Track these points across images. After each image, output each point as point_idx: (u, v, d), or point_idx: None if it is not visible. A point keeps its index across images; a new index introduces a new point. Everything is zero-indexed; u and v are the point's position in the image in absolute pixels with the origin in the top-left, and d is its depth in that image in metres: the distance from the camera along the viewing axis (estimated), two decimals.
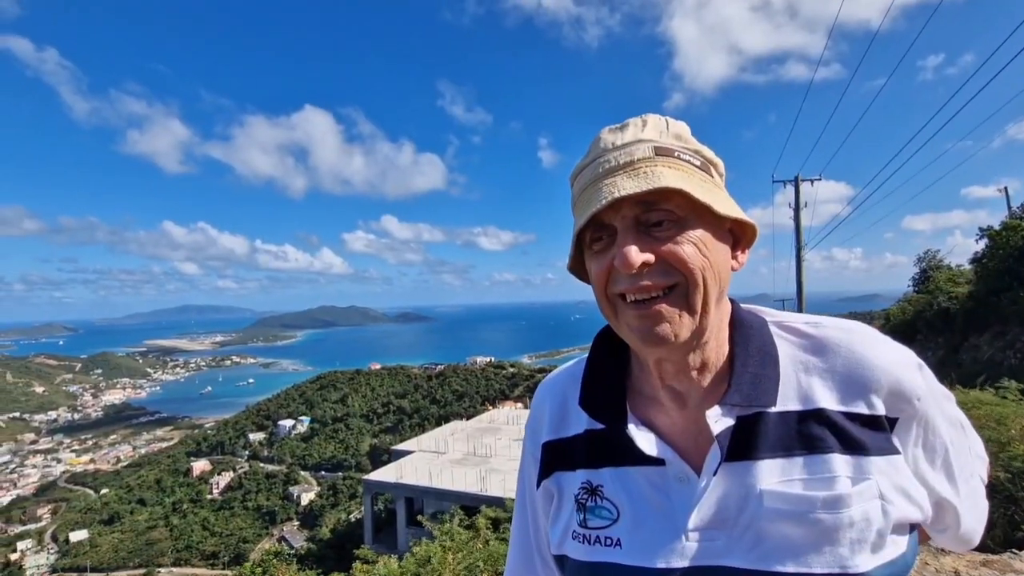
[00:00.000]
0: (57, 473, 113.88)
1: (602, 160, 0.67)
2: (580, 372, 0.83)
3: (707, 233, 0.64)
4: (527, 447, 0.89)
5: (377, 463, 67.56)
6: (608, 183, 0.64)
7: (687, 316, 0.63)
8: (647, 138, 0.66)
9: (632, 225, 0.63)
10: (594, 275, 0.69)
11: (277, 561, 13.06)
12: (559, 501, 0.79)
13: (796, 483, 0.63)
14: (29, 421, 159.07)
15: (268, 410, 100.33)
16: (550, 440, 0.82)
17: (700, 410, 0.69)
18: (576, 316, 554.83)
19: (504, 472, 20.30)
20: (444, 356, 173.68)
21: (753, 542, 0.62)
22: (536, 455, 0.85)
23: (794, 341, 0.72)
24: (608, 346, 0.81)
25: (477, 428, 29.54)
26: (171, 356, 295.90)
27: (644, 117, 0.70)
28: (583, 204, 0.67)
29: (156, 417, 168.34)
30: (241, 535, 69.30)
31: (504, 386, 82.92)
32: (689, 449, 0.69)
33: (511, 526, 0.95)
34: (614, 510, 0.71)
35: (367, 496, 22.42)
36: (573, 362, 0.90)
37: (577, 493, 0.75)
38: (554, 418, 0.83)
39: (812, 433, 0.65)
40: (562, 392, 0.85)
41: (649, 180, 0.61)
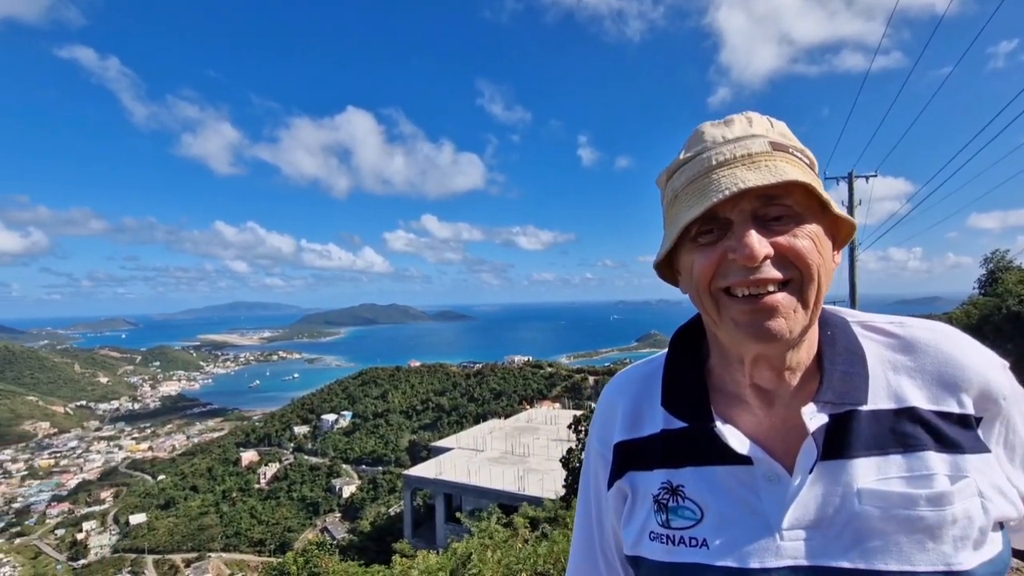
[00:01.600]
0: (119, 459, 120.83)
1: (713, 153, 0.66)
2: (653, 371, 0.83)
3: (820, 229, 0.64)
4: (594, 447, 0.88)
5: (416, 459, 68.63)
6: (726, 174, 0.63)
7: (801, 312, 0.63)
8: (758, 133, 0.66)
9: (750, 218, 0.63)
10: (698, 268, 0.67)
11: (320, 551, 13.45)
12: (633, 501, 0.78)
13: (895, 481, 0.62)
14: (94, 409, 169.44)
15: (312, 404, 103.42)
16: (623, 440, 0.82)
17: (789, 408, 0.68)
18: (615, 316, 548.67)
19: (542, 472, 20.22)
20: (482, 355, 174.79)
21: (853, 541, 0.61)
22: (606, 455, 0.84)
23: (880, 340, 0.71)
24: (687, 344, 0.81)
25: (515, 427, 29.55)
26: (222, 350, 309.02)
27: (747, 114, 0.70)
28: (692, 196, 0.66)
29: (208, 408, 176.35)
30: (286, 524, 71.73)
31: (542, 386, 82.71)
32: (778, 448, 0.68)
33: (573, 526, 0.94)
34: (697, 510, 0.70)
35: (407, 491, 22.78)
36: (642, 362, 0.89)
37: (656, 493, 0.74)
38: (627, 418, 0.83)
39: (906, 431, 0.64)
40: (634, 392, 0.84)
41: (773, 174, 0.60)
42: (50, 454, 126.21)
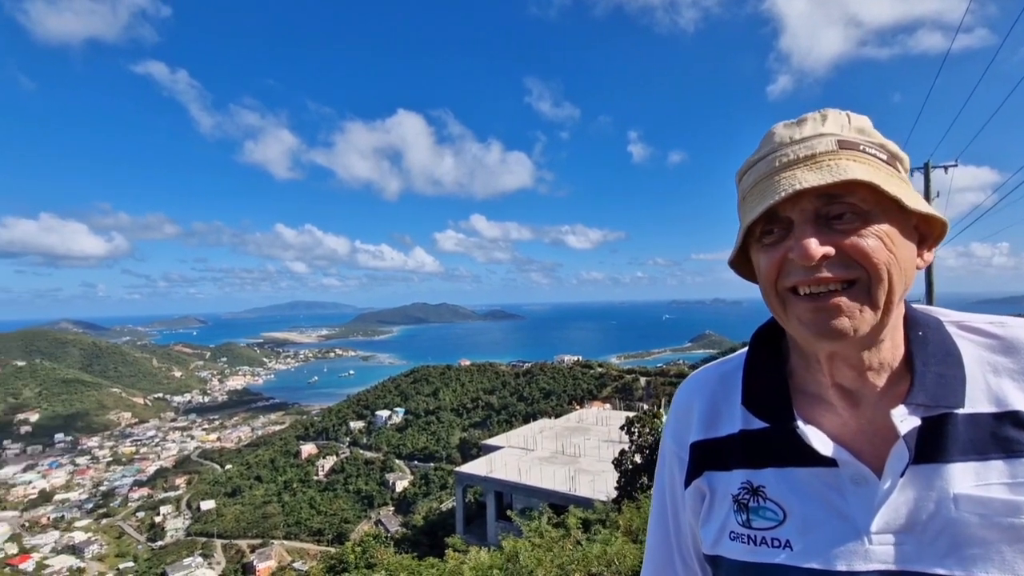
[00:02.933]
0: (191, 448, 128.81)
1: (778, 154, 0.67)
2: (731, 371, 0.83)
3: (893, 228, 0.62)
4: (669, 447, 0.88)
5: (467, 456, 69.52)
6: (786, 176, 0.63)
7: (868, 311, 0.62)
8: (828, 132, 0.66)
9: (811, 217, 0.63)
10: (764, 268, 0.68)
11: (376, 543, 13.85)
12: (712, 501, 0.79)
13: (996, 487, 0.60)
14: (169, 401, 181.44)
15: (367, 400, 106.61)
16: (700, 440, 0.82)
17: (877, 410, 0.67)
18: (667, 316, 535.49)
19: (593, 473, 19.99)
20: (532, 354, 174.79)
21: (949, 548, 0.60)
22: (682, 455, 0.84)
23: (978, 341, 0.69)
24: (768, 344, 0.80)
25: (565, 427, 29.36)
26: (283, 347, 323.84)
27: (823, 111, 0.69)
28: (756, 197, 0.67)
29: (271, 402, 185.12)
30: (343, 516, 74.28)
31: (592, 386, 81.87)
32: (864, 450, 0.67)
33: (648, 527, 0.95)
34: (780, 511, 0.70)
35: (459, 487, 23.08)
36: (718, 361, 0.89)
37: (736, 493, 0.75)
38: (704, 418, 0.83)
39: (1008, 436, 0.62)
40: (711, 391, 0.84)
41: (833, 173, 0.60)
42: (131, 442, 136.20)
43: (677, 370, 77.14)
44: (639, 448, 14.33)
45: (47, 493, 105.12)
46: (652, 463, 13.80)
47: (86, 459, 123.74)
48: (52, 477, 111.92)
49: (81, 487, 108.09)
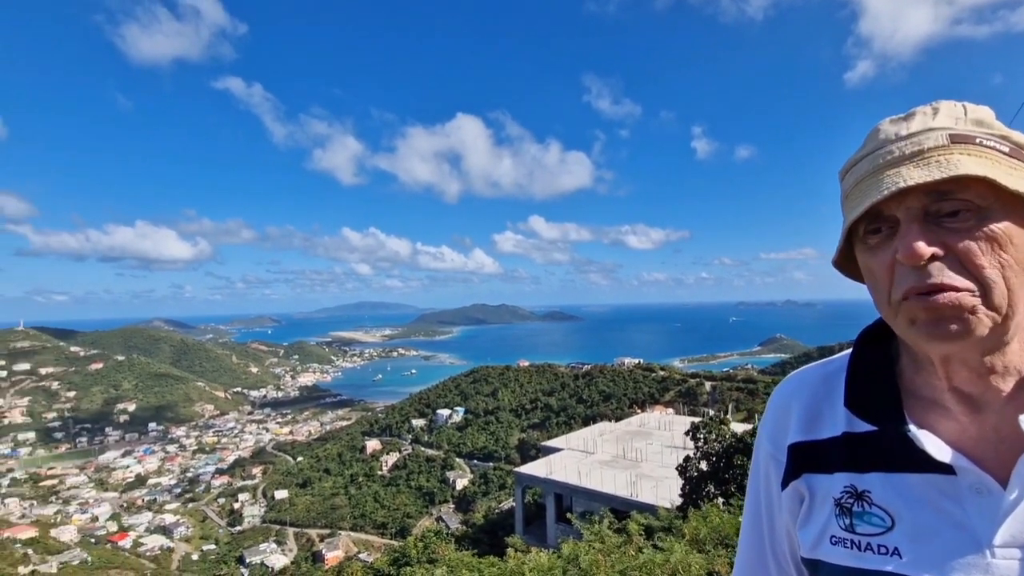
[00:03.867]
0: (266, 440, 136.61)
1: (883, 151, 0.63)
2: (834, 372, 0.81)
3: (1014, 225, 0.58)
4: (765, 448, 0.86)
5: (526, 457, 69.60)
6: (891, 173, 0.60)
7: (984, 312, 0.58)
8: (940, 126, 0.62)
9: (919, 216, 0.60)
10: (872, 269, 0.65)
11: (437, 539, 14.10)
12: (811, 504, 0.77)
13: None
14: (247, 395, 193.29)
15: (428, 399, 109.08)
16: (799, 442, 0.80)
17: (1002, 416, 0.63)
18: (734, 319, 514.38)
19: (656, 479, 19.44)
20: (591, 356, 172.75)
21: None
22: (779, 457, 0.83)
23: None
24: (875, 345, 0.77)
25: (626, 431, 28.75)
26: (350, 346, 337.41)
27: (935, 104, 0.65)
28: (858, 196, 0.64)
29: (338, 399, 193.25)
30: (405, 511, 76.36)
31: (653, 390, 79.85)
32: (987, 458, 0.63)
33: (741, 528, 0.94)
34: (887, 517, 0.67)
35: (518, 488, 23.11)
36: (819, 363, 0.86)
37: (839, 497, 0.72)
38: (803, 419, 0.80)
39: None
40: (812, 392, 0.82)
41: (942, 169, 0.57)
42: (214, 433, 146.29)
43: (745, 375, 73.82)
44: (705, 455, 13.78)
45: (142, 477, 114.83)
46: (719, 471, 13.23)
47: (175, 447, 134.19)
48: (146, 463, 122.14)
49: (171, 473, 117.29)
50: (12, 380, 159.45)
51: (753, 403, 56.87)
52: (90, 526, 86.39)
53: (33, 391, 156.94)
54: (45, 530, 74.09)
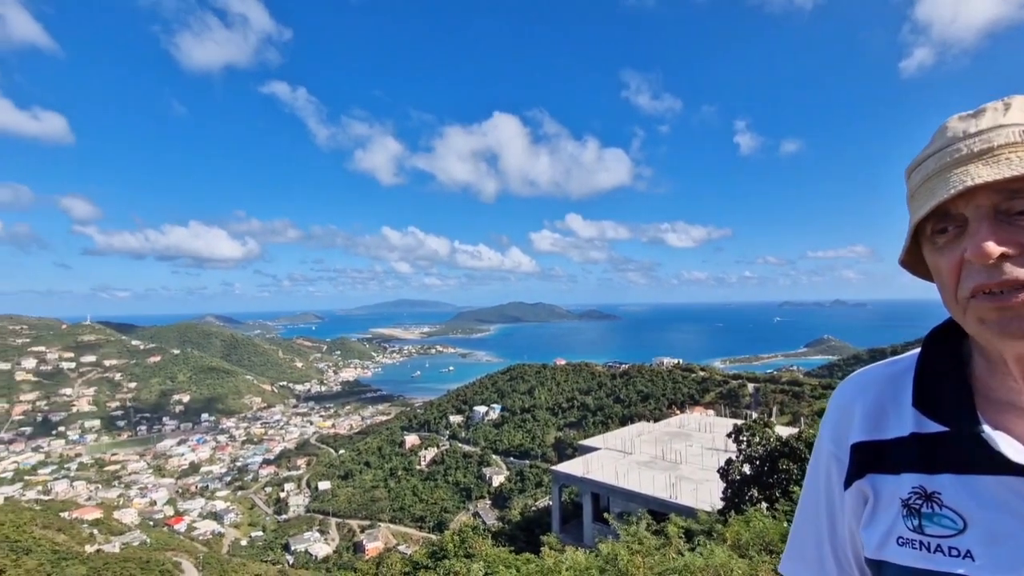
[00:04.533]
0: (310, 433, 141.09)
1: (950, 149, 0.62)
2: (900, 372, 0.80)
3: None
4: (826, 447, 0.86)
5: (562, 456, 69.41)
6: (958, 172, 0.59)
7: None
8: (1011, 122, 0.61)
9: (988, 214, 0.59)
10: (940, 268, 0.64)
11: (474, 534, 14.26)
12: (875, 504, 0.76)
13: None
14: (292, 389, 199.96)
15: (465, 396, 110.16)
16: (863, 441, 0.79)
17: None
18: (778, 319, 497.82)
19: (696, 482, 19.05)
20: (628, 355, 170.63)
21: None
22: (841, 456, 0.82)
23: None
24: (945, 345, 0.76)
25: (666, 432, 28.27)
26: (389, 343, 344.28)
27: (1007, 99, 0.63)
28: (924, 194, 0.63)
29: (378, 394, 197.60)
30: (443, 505, 77.44)
31: (693, 391, 78.21)
32: None
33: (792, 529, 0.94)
34: (959, 520, 0.65)
35: (555, 486, 23.08)
36: (884, 362, 0.85)
37: (906, 498, 0.71)
38: (867, 418, 0.80)
39: None
40: (877, 392, 0.81)
41: (1012, 166, 0.56)
42: (261, 424, 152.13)
43: (790, 377, 71.35)
44: (748, 459, 13.41)
45: (195, 465, 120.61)
46: (763, 475, 12.86)
47: (225, 437, 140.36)
48: (199, 452, 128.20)
49: (221, 461, 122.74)
50: (80, 371, 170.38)
51: (799, 406, 54.91)
52: (149, 509, 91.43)
53: (98, 381, 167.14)
54: (109, 512, 78.81)
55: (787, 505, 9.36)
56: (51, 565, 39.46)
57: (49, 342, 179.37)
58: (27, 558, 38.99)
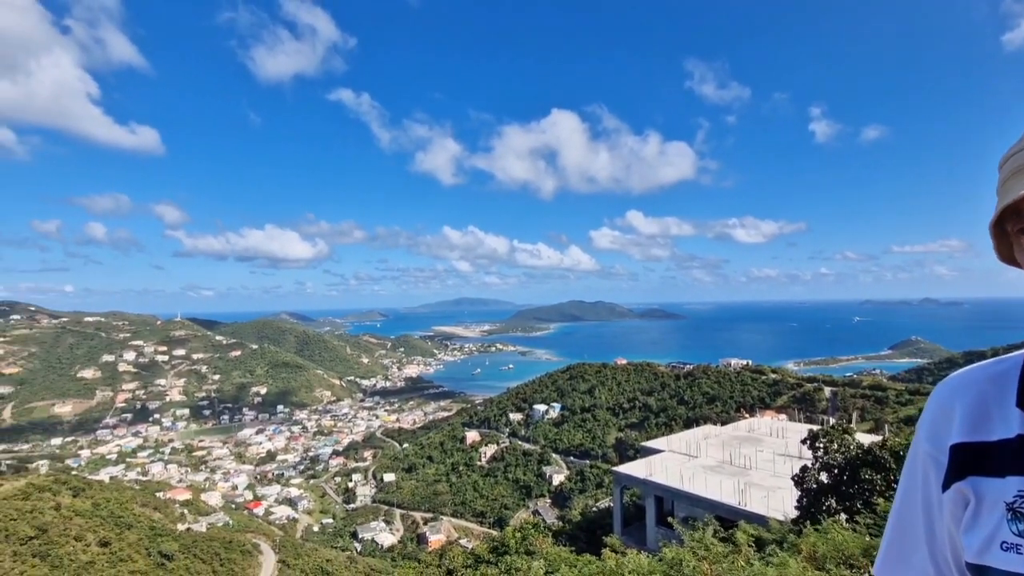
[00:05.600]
0: (376, 426, 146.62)
1: None
2: (1004, 372, 0.78)
3: None
4: (923, 448, 0.85)
5: (623, 456, 68.34)
6: None
7: None
8: None
9: None
10: None
11: (535, 532, 14.29)
12: (977, 507, 0.74)
13: None
14: (359, 384, 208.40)
15: (525, 394, 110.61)
16: (964, 442, 0.78)
17: None
18: (858, 318, 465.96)
19: (767, 489, 18.17)
20: (693, 356, 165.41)
21: None
22: (939, 458, 0.81)
23: None
24: None
25: (734, 436, 27.17)
26: (451, 341, 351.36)
27: None
28: (1004, 192, 0.63)
29: (440, 390, 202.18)
30: (503, 501, 78.19)
31: (764, 393, 74.69)
32: None
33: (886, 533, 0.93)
34: None
35: (616, 487, 22.72)
36: (987, 362, 0.83)
37: (1012, 501, 0.69)
38: (968, 419, 0.78)
39: None
40: (979, 392, 0.79)
41: None
42: (331, 417, 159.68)
43: (872, 381, 66.59)
44: (825, 466, 12.64)
45: (272, 453, 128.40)
46: (841, 484, 12.08)
47: (298, 428, 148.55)
48: (275, 441, 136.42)
49: (295, 451, 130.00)
50: (172, 364, 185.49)
51: (882, 412, 51.15)
52: (231, 493, 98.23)
53: (187, 373, 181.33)
54: (197, 494, 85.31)
55: (869, 518, 8.74)
56: (149, 540, 43.24)
57: (146, 337, 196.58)
58: (129, 532, 42.93)
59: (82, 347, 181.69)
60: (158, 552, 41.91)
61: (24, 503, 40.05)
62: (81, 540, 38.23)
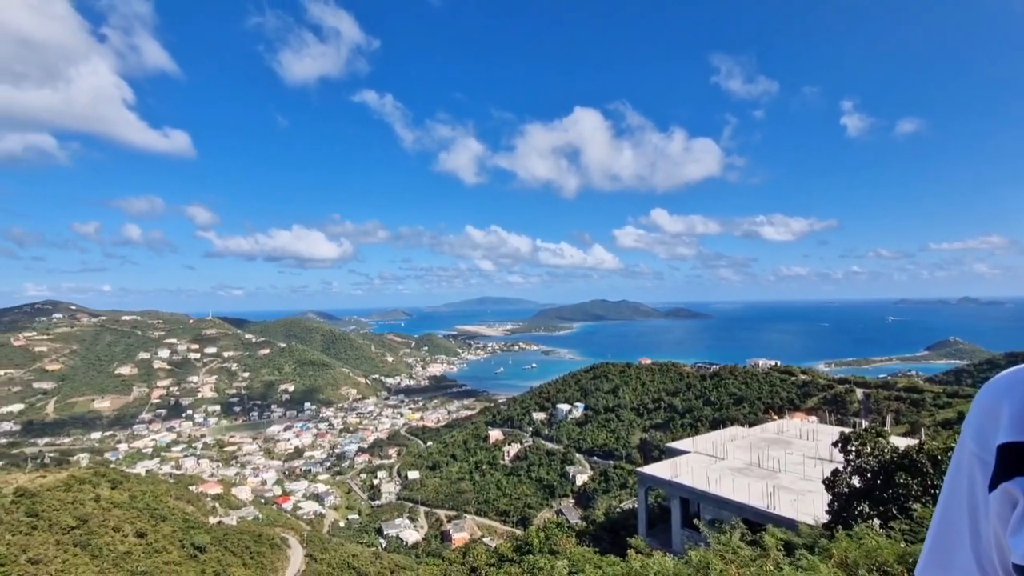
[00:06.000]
0: (400, 424, 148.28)
1: None
2: None
3: None
4: (968, 447, 0.85)
5: (648, 457, 67.64)
6: None
7: None
8: None
9: None
10: None
11: (559, 531, 14.25)
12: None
13: None
14: (383, 382, 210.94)
15: (548, 393, 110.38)
16: (1012, 442, 0.77)
17: None
18: (892, 318, 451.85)
19: (796, 492, 17.78)
20: (720, 356, 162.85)
21: None
22: (986, 458, 0.81)
23: None
24: None
25: (762, 438, 26.65)
26: (474, 340, 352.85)
27: None
28: None
29: (463, 389, 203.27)
30: (526, 501, 78.22)
31: (794, 395, 73.06)
32: None
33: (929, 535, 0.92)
34: None
35: (641, 488, 22.50)
36: None
37: None
38: (1016, 419, 0.78)
39: None
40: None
41: None
42: (356, 415, 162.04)
43: (908, 383, 64.45)
44: (858, 470, 12.29)
45: (299, 449, 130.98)
46: (875, 489, 11.73)
47: (324, 425, 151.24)
48: (302, 437, 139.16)
49: (321, 448, 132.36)
50: (204, 361, 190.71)
51: (918, 415, 49.48)
52: (260, 488, 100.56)
53: (218, 371, 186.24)
54: (228, 488, 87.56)
55: (905, 524, 8.46)
56: (182, 532, 44.56)
57: (179, 335, 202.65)
58: (164, 524, 44.31)
59: (120, 345, 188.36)
60: (191, 544, 43.16)
61: (66, 494, 41.70)
62: (119, 531, 39.63)
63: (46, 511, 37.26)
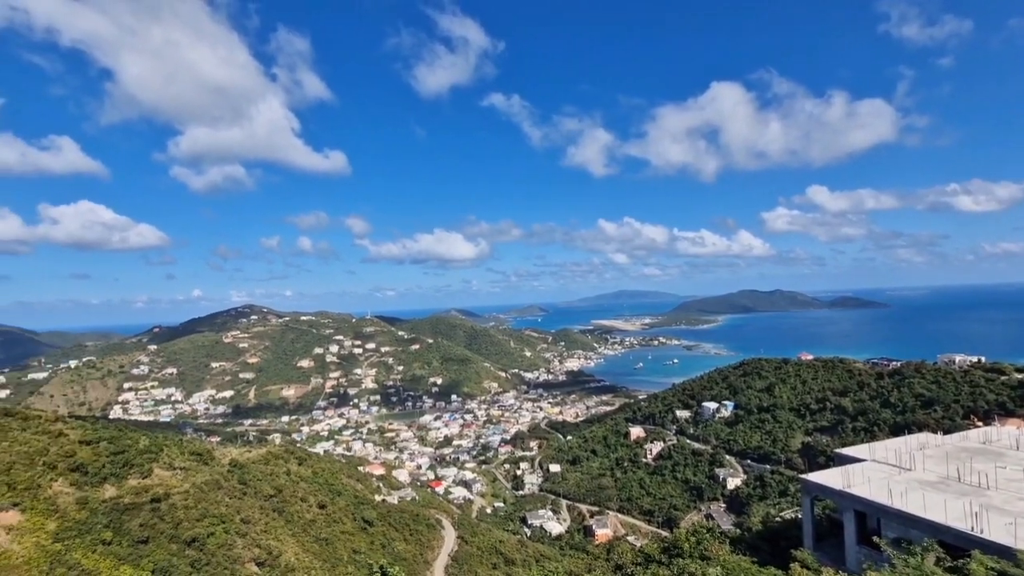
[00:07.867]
0: (540, 418, 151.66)
1: None
2: None
3: None
4: None
5: (812, 463, 60.96)
6: None
7: None
8: None
9: None
10: None
11: (711, 537, 13.37)
12: None
13: None
14: (522, 376, 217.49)
15: (692, 390, 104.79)
16: None
17: None
18: None
19: (1012, 515, 14.64)
20: (900, 351, 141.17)
21: None
22: None
23: None
24: None
25: (962, 447, 22.45)
26: (610, 334, 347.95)
27: None
28: None
29: (601, 384, 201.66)
30: (671, 501, 75.12)
31: (1004, 397, 60.62)
32: None
33: None
34: None
35: (806, 497, 20.27)
36: None
37: None
38: None
39: None
40: None
41: None
42: (499, 407, 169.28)
43: None
44: None
45: (448, 438, 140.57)
46: None
47: (470, 416, 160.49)
48: (451, 427, 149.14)
49: (468, 437, 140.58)
50: (365, 356, 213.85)
51: None
52: (416, 472, 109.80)
53: (377, 364, 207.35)
54: (389, 470, 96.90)
55: None
56: (354, 507, 50.30)
57: (345, 332, 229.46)
58: (339, 499, 50.41)
59: (300, 341, 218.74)
60: (361, 518, 48.53)
61: (265, 467, 49.36)
62: (305, 501, 45.93)
63: (252, 480, 44.44)
